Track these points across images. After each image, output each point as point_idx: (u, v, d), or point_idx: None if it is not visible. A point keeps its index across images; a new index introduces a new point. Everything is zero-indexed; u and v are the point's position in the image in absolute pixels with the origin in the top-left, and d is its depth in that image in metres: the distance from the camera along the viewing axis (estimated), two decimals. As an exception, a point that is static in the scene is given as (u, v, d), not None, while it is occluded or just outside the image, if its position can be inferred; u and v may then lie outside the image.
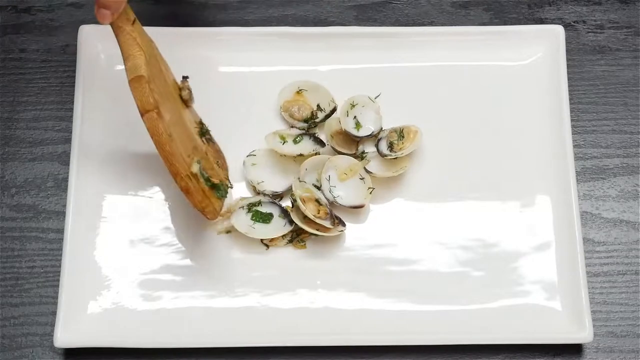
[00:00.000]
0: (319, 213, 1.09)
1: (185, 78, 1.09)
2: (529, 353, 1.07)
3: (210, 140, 1.11)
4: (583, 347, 1.08)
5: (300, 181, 1.11)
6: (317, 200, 1.10)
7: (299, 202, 1.09)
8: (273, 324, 1.07)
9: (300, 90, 1.15)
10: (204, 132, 1.10)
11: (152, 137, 1.01)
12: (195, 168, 1.04)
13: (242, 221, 1.10)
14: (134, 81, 1.00)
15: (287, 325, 1.07)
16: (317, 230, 1.09)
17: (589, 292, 1.08)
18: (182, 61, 1.16)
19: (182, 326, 1.07)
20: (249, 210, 1.11)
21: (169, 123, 1.02)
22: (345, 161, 1.12)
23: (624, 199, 1.14)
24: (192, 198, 1.04)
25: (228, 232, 1.11)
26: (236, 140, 1.13)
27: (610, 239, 1.12)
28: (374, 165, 1.13)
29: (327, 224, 1.09)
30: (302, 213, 1.09)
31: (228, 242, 1.11)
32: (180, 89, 1.08)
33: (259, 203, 1.11)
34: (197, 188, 1.04)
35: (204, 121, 1.12)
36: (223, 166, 1.11)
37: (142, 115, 1.01)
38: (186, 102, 1.09)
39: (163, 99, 1.03)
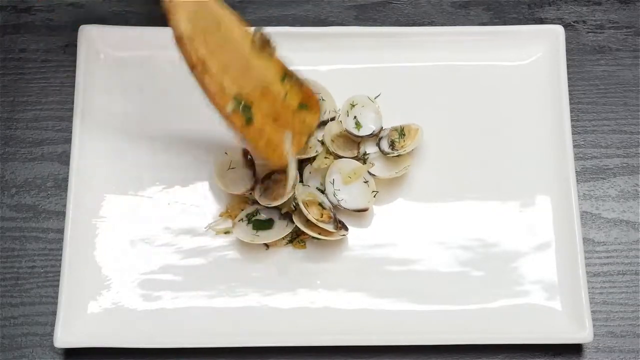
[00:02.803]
0: (322, 217, 1.09)
1: (257, 30, 1.08)
2: (529, 353, 1.07)
3: (299, 84, 1.09)
4: (583, 347, 1.08)
5: (303, 185, 1.11)
6: (320, 204, 1.10)
7: (302, 207, 1.08)
8: (273, 324, 1.07)
9: None
10: (284, 77, 1.09)
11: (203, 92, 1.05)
12: (229, 107, 1.04)
13: (245, 232, 1.09)
14: (177, 41, 1.03)
15: (287, 325, 1.07)
16: (319, 234, 1.08)
17: (589, 292, 1.08)
18: (182, 61, 1.16)
19: (182, 326, 1.07)
20: (249, 221, 1.10)
21: (223, 74, 1.04)
22: (350, 164, 1.12)
23: (624, 199, 1.14)
24: (253, 146, 1.06)
25: (227, 232, 1.11)
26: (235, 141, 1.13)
27: (610, 239, 1.12)
28: (377, 167, 1.13)
29: (330, 227, 1.09)
30: (305, 217, 1.09)
31: (228, 242, 1.11)
32: (252, 40, 1.08)
33: (257, 212, 1.11)
34: (254, 132, 1.05)
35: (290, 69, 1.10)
36: (312, 108, 1.11)
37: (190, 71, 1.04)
38: (263, 51, 1.08)
39: (218, 51, 1.05)
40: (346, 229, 1.10)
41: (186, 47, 1.03)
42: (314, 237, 1.09)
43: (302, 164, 1.12)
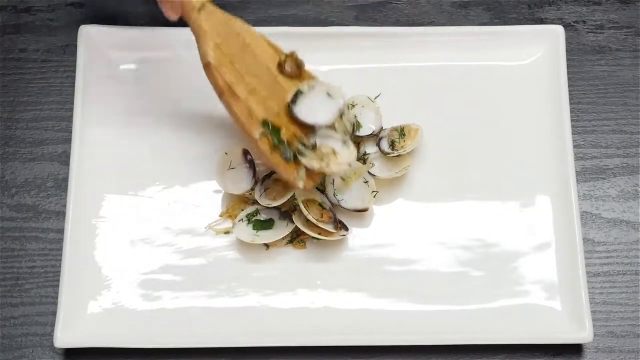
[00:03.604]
0: (322, 217, 1.09)
1: (287, 56, 1.10)
2: (529, 353, 1.07)
3: None
4: (583, 347, 1.08)
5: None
6: (320, 204, 1.10)
7: (302, 207, 1.08)
8: (273, 324, 1.07)
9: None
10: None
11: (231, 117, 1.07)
12: (258, 132, 1.05)
13: (245, 232, 1.09)
14: (204, 68, 1.05)
15: (287, 325, 1.07)
16: (319, 234, 1.08)
17: (589, 292, 1.08)
18: (183, 61, 1.16)
19: (182, 326, 1.07)
20: (249, 221, 1.10)
21: (250, 98, 1.06)
22: (350, 164, 1.12)
23: (624, 199, 1.14)
24: (281, 172, 1.07)
25: (227, 232, 1.11)
26: (235, 141, 1.13)
27: (610, 239, 1.12)
28: (377, 167, 1.13)
29: (330, 228, 1.09)
30: (305, 217, 1.09)
31: (228, 242, 1.11)
32: (282, 63, 1.10)
33: (257, 212, 1.11)
34: (279, 161, 1.06)
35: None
36: None
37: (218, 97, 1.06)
38: (290, 75, 1.09)
39: (246, 76, 1.06)
40: (346, 229, 1.10)
41: (214, 74, 1.04)
42: (314, 237, 1.09)
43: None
